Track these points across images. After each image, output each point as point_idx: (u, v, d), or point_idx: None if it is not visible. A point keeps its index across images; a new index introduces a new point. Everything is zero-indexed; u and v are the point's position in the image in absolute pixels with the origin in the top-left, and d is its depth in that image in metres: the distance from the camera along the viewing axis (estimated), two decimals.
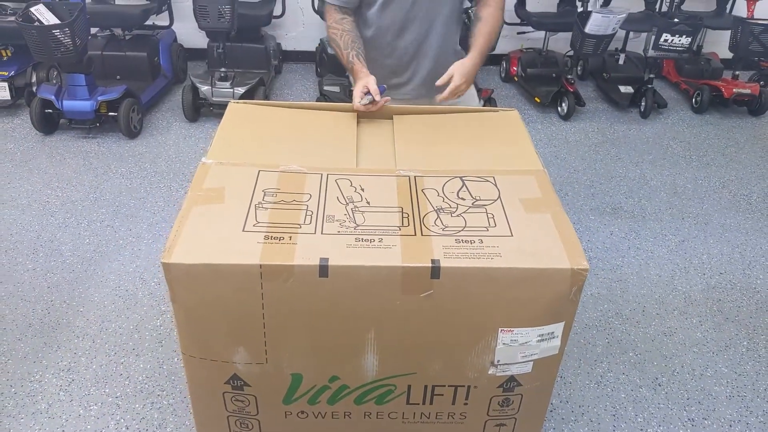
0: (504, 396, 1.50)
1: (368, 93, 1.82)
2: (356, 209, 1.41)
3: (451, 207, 1.44)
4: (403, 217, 1.39)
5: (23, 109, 4.10)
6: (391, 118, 1.83)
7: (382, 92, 1.84)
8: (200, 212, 1.38)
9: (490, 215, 1.42)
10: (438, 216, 1.41)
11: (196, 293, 1.31)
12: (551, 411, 2.11)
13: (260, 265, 1.26)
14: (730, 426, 2.11)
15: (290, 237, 1.32)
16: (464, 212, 1.43)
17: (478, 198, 1.48)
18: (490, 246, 1.32)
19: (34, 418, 2.02)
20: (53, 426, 2.00)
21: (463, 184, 1.53)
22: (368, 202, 1.44)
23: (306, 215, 1.38)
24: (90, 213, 3.10)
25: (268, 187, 1.47)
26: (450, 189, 1.50)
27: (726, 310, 2.65)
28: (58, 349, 2.29)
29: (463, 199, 1.47)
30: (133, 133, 3.85)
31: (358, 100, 1.83)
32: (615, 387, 2.23)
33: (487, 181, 1.54)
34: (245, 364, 1.41)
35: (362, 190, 1.48)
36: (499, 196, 1.49)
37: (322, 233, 1.34)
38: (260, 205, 1.40)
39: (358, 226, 1.36)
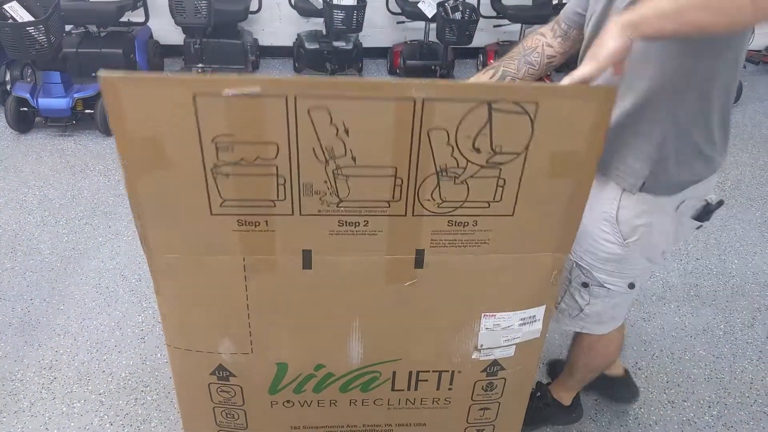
0: (488, 380, 1.51)
1: None
2: (338, 171, 1.13)
3: (458, 167, 1.14)
4: (395, 186, 1.16)
5: None
6: None
7: None
8: (150, 191, 1.16)
9: (500, 182, 1.16)
10: (438, 183, 1.15)
11: (179, 285, 1.30)
12: None
13: (243, 258, 1.25)
14: (709, 407, 2.15)
15: (266, 221, 1.20)
16: (471, 176, 1.15)
17: (498, 149, 1.12)
18: (482, 230, 1.25)
19: (17, 416, 2.01)
20: (36, 424, 1.99)
21: (490, 117, 1.08)
22: (354, 159, 1.11)
23: (278, 186, 1.14)
24: (68, 211, 3.07)
25: (218, 131, 1.07)
26: (467, 129, 1.09)
27: (703, 294, 2.70)
28: (39, 347, 2.27)
29: (478, 151, 1.12)
30: (110, 130, 3.79)
31: None
32: None
33: (526, 112, 1.08)
34: (231, 354, 1.41)
35: (346, 131, 1.08)
36: (528, 145, 1.11)
37: (300, 214, 1.19)
38: (217, 170, 1.11)
39: (341, 201, 1.18)
